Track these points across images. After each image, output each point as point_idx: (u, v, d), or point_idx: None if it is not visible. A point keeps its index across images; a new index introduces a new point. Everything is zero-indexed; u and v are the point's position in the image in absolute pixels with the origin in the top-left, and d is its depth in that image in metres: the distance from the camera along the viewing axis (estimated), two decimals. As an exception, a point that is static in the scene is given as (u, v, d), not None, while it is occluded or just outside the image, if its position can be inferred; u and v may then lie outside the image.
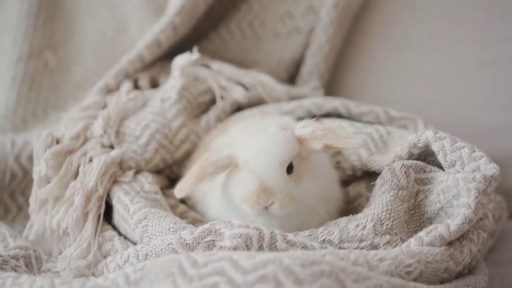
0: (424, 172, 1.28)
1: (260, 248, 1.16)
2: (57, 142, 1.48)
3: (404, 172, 1.26)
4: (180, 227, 1.27)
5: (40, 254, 1.40)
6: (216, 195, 1.33)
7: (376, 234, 1.21)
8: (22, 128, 1.82)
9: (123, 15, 1.94)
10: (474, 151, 1.25)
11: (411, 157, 1.32)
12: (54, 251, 1.42)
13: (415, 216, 1.26)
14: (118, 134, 1.51)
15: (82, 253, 1.34)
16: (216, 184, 1.32)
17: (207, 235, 1.18)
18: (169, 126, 1.53)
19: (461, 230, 1.17)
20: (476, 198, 1.17)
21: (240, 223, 1.19)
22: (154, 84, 1.71)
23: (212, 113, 1.60)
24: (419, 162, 1.29)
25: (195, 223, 1.35)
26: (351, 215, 1.27)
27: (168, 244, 1.20)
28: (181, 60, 1.60)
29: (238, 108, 1.64)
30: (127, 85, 1.65)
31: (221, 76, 1.66)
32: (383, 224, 1.22)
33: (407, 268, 1.12)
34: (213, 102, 1.63)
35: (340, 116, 1.55)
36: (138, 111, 1.57)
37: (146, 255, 1.23)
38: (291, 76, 1.85)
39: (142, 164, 1.49)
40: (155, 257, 1.21)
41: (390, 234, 1.21)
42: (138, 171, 1.48)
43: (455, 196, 1.20)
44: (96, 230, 1.37)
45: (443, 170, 1.28)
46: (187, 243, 1.19)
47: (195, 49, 1.62)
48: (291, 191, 1.24)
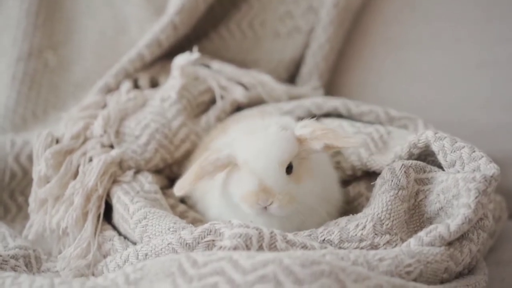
0: (424, 172, 1.28)
1: (260, 248, 1.15)
2: (57, 142, 1.48)
3: (404, 172, 1.26)
4: (180, 227, 1.26)
5: (39, 253, 1.40)
6: (215, 195, 1.33)
7: (376, 234, 1.21)
8: (22, 128, 1.82)
9: (123, 14, 1.94)
10: (474, 151, 1.25)
11: (411, 157, 1.32)
12: (54, 251, 1.42)
13: (415, 216, 1.26)
14: (118, 133, 1.51)
15: (82, 252, 1.34)
16: (216, 183, 1.32)
17: (207, 235, 1.18)
18: (169, 125, 1.53)
19: (461, 230, 1.17)
20: (476, 198, 1.17)
21: (240, 223, 1.19)
22: (154, 84, 1.71)
23: (212, 112, 1.60)
24: (419, 162, 1.29)
25: (195, 223, 1.35)
26: (351, 215, 1.27)
27: (168, 244, 1.20)
28: (181, 60, 1.59)
29: (238, 108, 1.64)
30: (127, 84, 1.65)
31: (221, 76, 1.66)
32: (383, 224, 1.22)
33: (407, 268, 1.12)
34: (213, 101, 1.63)
35: (340, 116, 1.55)
36: (138, 110, 1.57)
37: (146, 255, 1.23)
38: (291, 76, 1.85)
39: (142, 164, 1.49)
40: (155, 257, 1.21)
41: (390, 234, 1.21)
42: (138, 171, 1.48)
43: (455, 196, 1.20)
44: (95, 230, 1.37)
45: (443, 170, 1.28)
46: (187, 243, 1.19)
47: (195, 48, 1.62)
48: (291, 191, 1.24)
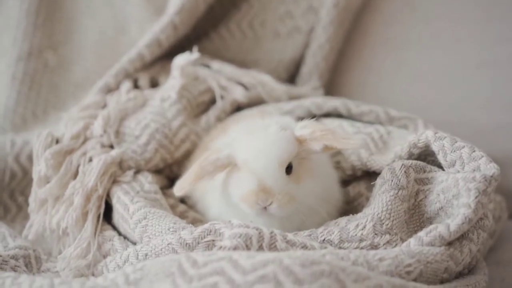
0: (424, 172, 1.28)
1: (260, 248, 1.15)
2: (56, 142, 1.48)
3: (404, 172, 1.26)
4: (180, 227, 1.26)
5: (39, 254, 1.40)
6: (216, 195, 1.33)
7: (376, 234, 1.21)
8: (22, 128, 1.82)
9: (123, 14, 1.94)
10: (474, 151, 1.25)
11: (411, 157, 1.32)
12: (54, 251, 1.42)
13: (415, 216, 1.26)
14: (118, 133, 1.51)
15: (82, 253, 1.34)
16: (216, 183, 1.32)
17: (207, 235, 1.18)
18: (169, 125, 1.53)
19: (461, 230, 1.17)
20: (476, 198, 1.17)
21: (240, 223, 1.19)
22: (154, 84, 1.70)
23: (212, 112, 1.60)
24: (419, 162, 1.29)
25: (195, 223, 1.35)
26: (351, 215, 1.27)
27: (168, 244, 1.20)
28: (181, 60, 1.59)
29: (238, 108, 1.64)
30: (127, 84, 1.65)
31: (221, 76, 1.66)
32: (383, 224, 1.21)
33: (407, 268, 1.12)
34: (213, 101, 1.63)
35: (340, 116, 1.55)
36: (138, 110, 1.57)
37: (146, 255, 1.23)
38: (291, 76, 1.85)
39: (142, 164, 1.48)
40: (155, 257, 1.21)
41: (390, 234, 1.21)
42: (138, 171, 1.48)
43: (455, 196, 1.20)
44: (95, 230, 1.37)
45: (443, 170, 1.28)
46: (187, 243, 1.19)
47: (195, 48, 1.62)
48: (290, 191, 1.24)
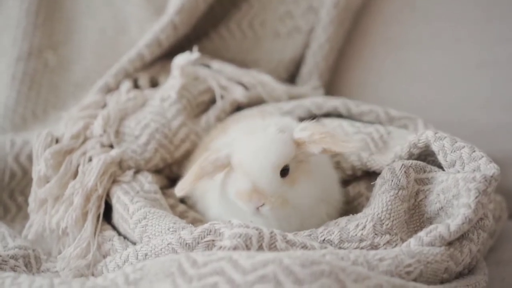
0: (424, 172, 1.28)
1: (260, 248, 1.15)
2: (56, 142, 1.48)
3: (404, 172, 1.26)
4: (179, 227, 1.26)
5: (39, 253, 1.40)
6: (215, 195, 1.33)
7: (376, 234, 1.21)
8: (22, 128, 1.81)
9: (123, 14, 1.94)
10: (474, 151, 1.24)
11: (411, 157, 1.32)
12: (54, 251, 1.42)
13: (415, 216, 1.26)
14: (117, 133, 1.51)
15: (82, 252, 1.34)
16: (215, 183, 1.32)
17: (207, 235, 1.18)
18: (169, 125, 1.53)
19: (461, 230, 1.17)
20: (476, 198, 1.17)
21: (240, 223, 1.19)
22: (154, 84, 1.70)
23: (212, 112, 1.60)
24: (419, 162, 1.29)
25: (194, 222, 1.35)
26: (351, 215, 1.27)
27: (168, 244, 1.20)
28: (181, 60, 1.59)
29: (238, 108, 1.64)
30: (127, 84, 1.65)
31: (221, 76, 1.66)
32: (383, 224, 1.21)
33: (407, 268, 1.12)
34: (213, 101, 1.63)
35: (340, 116, 1.54)
36: (138, 110, 1.56)
37: (146, 255, 1.23)
38: (291, 76, 1.85)
39: (142, 164, 1.48)
40: (155, 257, 1.21)
41: (390, 234, 1.21)
42: (137, 171, 1.48)
43: (455, 196, 1.20)
44: (95, 230, 1.37)
45: (443, 170, 1.28)
46: (186, 243, 1.19)
47: (195, 48, 1.62)
48: (284, 194, 1.24)
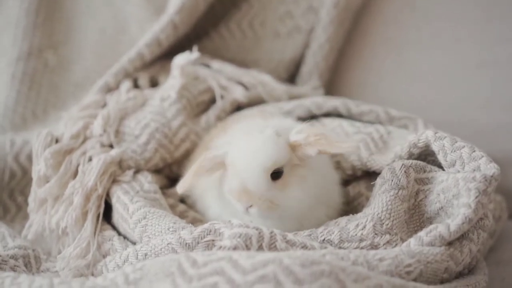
0: (424, 171, 1.28)
1: (260, 248, 1.15)
2: (56, 141, 1.48)
3: (404, 171, 1.26)
4: (179, 227, 1.26)
5: (39, 253, 1.39)
6: (214, 193, 1.33)
7: (376, 234, 1.21)
8: (22, 127, 1.81)
9: (123, 14, 1.93)
10: (474, 151, 1.24)
11: (411, 156, 1.32)
12: (53, 251, 1.42)
13: (415, 216, 1.26)
14: (117, 133, 1.51)
15: (81, 252, 1.34)
16: (214, 182, 1.32)
17: (207, 234, 1.18)
18: (168, 125, 1.53)
19: (461, 230, 1.17)
20: (476, 198, 1.17)
21: (240, 223, 1.19)
22: (154, 83, 1.70)
23: (212, 112, 1.60)
24: (419, 162, 1.29)
25: (194, 222, 1.35)
26: (351, 215, 1.27)
27: (168, 243, 1.20)
28: (181, 59, 1.59)
29: (238, 108, 1.64)
30: (127, 84, 1.65)
31: (221, 76, 1.66)
32: (383, 223, 1.21)
33: (407, 268, 1.12)
34: (213, 101, 1.62)
35: (340, 116, 1.54)
36: (138, 110, 1.56)
37: (146, 254, 1.23)
38: (291, 76, 1.85)
39: (142, 164, 1.48)
40: (155, 256, 1.21)
41: (390, 234, 1.21)
42: (137, 171, 1.48)
43: (455, 195, 1.20)
44: (95, 230, 1.37)
45: (443, 170, 1.28)
46: (186, 243, 1.19)
47: (195, 48, 1.62)
48: (272, 197, 1.24)
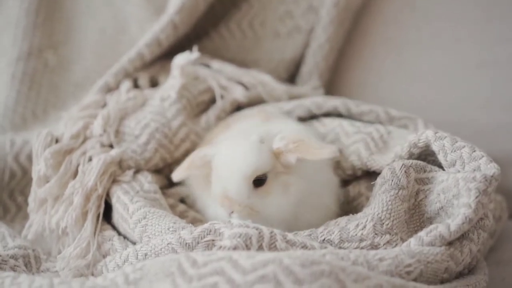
0: (424, 171, 1.28)
1: (260, 247, 1.15)
2: (56, 141, 1.48)
3: (404, 171, 1.26)
4: (179, 227, 1.26)
5: (39, 253, 1.39)
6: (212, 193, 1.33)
7: (376, 234, 1.21)
8: (22, 127, 1.81)
9: (123, 14, 1.93)
10: (475, 151, 1.24)
11: (411, 156, 1.32)
12: (53, 251, 1.42)
13: (415, 215, 1.26)
14: (117, 133, 1.51)
15: (81, 252, 1.33)
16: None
17: (207, 234, 1.18)
18: (168, 125, 1.53)
19: (461, 230, 1.17)
20: (476, 198, 1.17)
21: (240, 222, 1.19)
22: (154, 83, 1.70)
23: (212, 112, 1.60)
24: (419, 162, 1.29)
25: (194, 222, 1.35)
26: (351, 215, 1.27)
27: (168, 243, 1.20)
28: (181, 59, 1.59)
29: (238, 108, 1.64)
30: (127, 84, 1.65)
31: (221, 76, 1.66)
32: (383, 223, 1.21)
33: (407, 268, 1.12)
34: (213, 101, 1.62)
35: (340, 116, 1.54)
36: (138, 110, 1.56)
37: (146, 254, 1.23)
38: (291, 76, 1.85)
39: (142, 164, 1.48)
40: (155, 256, 1.21)
41: (390, 234, 1.21)
42: (137, 171, 1.48)
43: (455, 195, 1.20)
44: (95, 230, 1.37)
45: (444, 170, 1.28)
46: (186, 243, 1.19)
47: (195, 48, 1.62)
48: (253, 204, 1.24)
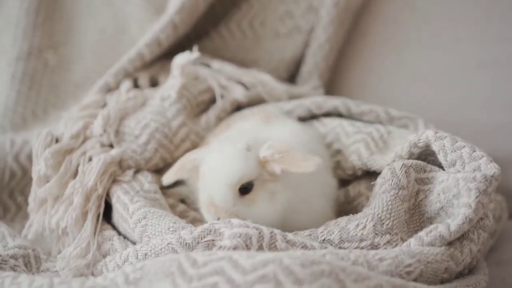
0: (425, 171, 1.28)
1: (260, 247, 1.15)
2: (56, 141, 1.48)
3: (405, 171, 1.26)
4: (179, 227, 1.26)
5: (39, 253, 1.39)
6: None
7: (376, 234, 1.21)
8: (22, 127, 1.81)
9: (123, 14, 1.93)
10: (475, 151, 1.24)
11: (411, 156, 1.32)
12: (53, 251, 1.42)
13: (415, 215, 1.26)
14: (117, 133, 1.51)
15: (81, 252, 1.33)
16: None
17: (207, 234, 1.18)
18: (169, 125, 1.53)
19: (461, 230, 1.17)
20: (476, 198, 1.17)
21: (240, 222, 1.19)
22: (154, 83, 1.70)
23: (212, 112, 1.60)
24: (419, 162, 1.29)
25: (194, 222, 1.35)
26: (351, 215, 1.27)
27: (168, 243, 1.20)
28: (181, 59, 1.59)
29: (238, 108, 1.64)
30: (127, 84, 1.65)
31: (221, 75, 1.66)
32: (383, 223, 1.21)
33: (407, 268, 1.12)
34: (213, 101, 1.62)
35: (340, 115, 1.54)
36: (138, 110, 1.56)
37: (146, 254, 1.23)
38: (292, 75, 1.85)
39: (142, 164, 1.48)
40: (155, 256, 1.21)
41: (390, 234, 1.21)
42: (137, 171, 1.47)
43: (456, 195, 1.20)
44: (95, 230, 1.37)
45: (444, 170, 1.28)
46: (186, 243, 1.19)
47: (195, 48, 1.62)
48: (239, 212, 1.24)
